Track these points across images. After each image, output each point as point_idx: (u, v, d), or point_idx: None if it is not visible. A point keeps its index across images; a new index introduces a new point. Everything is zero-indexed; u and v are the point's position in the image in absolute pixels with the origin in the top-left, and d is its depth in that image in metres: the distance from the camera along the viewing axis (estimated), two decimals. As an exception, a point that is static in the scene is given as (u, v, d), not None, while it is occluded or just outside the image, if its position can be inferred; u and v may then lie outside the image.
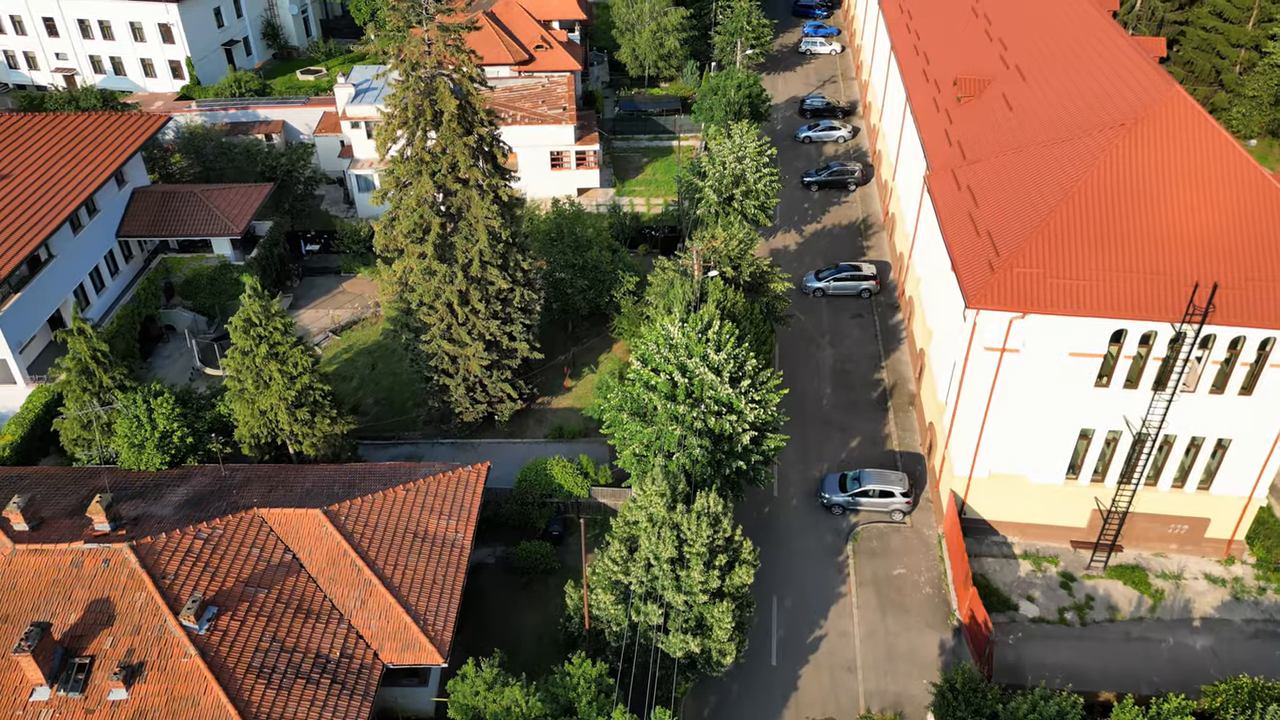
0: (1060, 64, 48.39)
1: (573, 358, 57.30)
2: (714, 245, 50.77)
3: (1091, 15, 51.42)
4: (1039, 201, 39.48)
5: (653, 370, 40.55)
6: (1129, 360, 38.79)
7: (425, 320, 46.80)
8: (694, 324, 40.63)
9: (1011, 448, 42.00)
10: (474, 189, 44.26)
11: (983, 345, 39.19)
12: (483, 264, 45.68)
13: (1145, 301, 36.40)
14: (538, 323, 50.51)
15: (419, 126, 42.82)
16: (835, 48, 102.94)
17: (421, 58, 41.69)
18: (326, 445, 42.96)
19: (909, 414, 52.96)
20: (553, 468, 44.52)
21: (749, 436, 39.24)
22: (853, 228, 71.17)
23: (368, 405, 53.72)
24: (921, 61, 58.98)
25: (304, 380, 40.72)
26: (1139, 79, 42.26)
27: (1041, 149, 42.19)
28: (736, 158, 61.14)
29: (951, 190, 44.17)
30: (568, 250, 55.50)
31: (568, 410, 53.49)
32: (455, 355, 48.05)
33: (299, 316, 61.01)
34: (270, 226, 62.29)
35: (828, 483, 47.16)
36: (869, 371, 56.54)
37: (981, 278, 37.68)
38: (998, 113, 47.92)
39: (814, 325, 60.60)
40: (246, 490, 38.56)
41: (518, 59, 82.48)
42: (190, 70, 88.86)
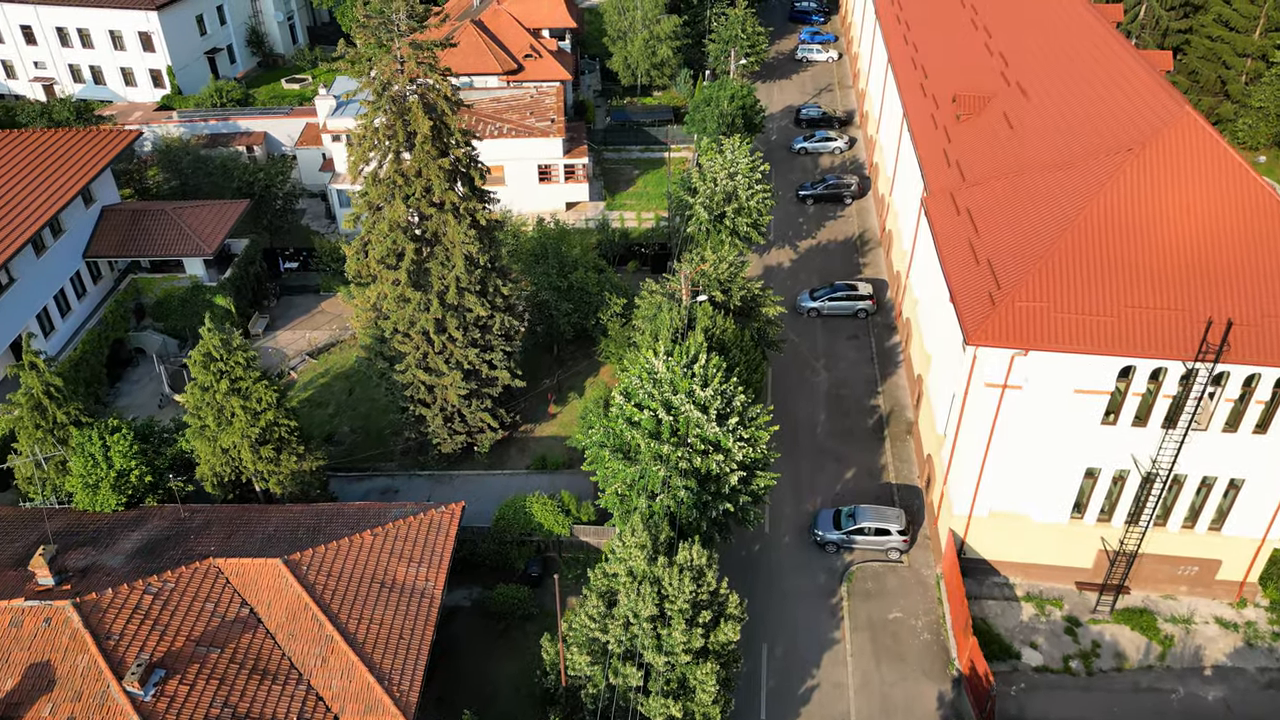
0: (1063, 81, 46.37)
1: (558, 382, 55.26)
2: (703, 269, 48.71)
3: (1095, 29, 49.40)
4: (1042, 229, 37.46)
5: (636, 405, 38.52)
6: (1137, 397, 36.78)
7: (400, 349, 44.74)
8: (679, 358, 38.58)
9: (1013, 486, 39.98)
10: (450, 213, 42.19)
11: (983, 381, 37.16)
12: (460, 291, 43.63)
13: (1155, 339, 34.36)
14: (520, 349, 48.44)
15: (392, 148, 40.77)
16: (832, 55, 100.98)
17: (393, 76, 39.63)
18: (294, 483, 40.89)
19: (906, 443, 50.90)
20: (532, 505, 42.45)
21: (737, 477, 37.20)
22: (848, 244, 69.14)
23: (343, 434, 51.63)
24: (919, 75, 56.95)
25: (268, 416, 38.63)
26: (1147, 99, 40.23)
27: (1044, 173, 40.16)
28: (728, 174, 59.14)
29: (950, 215, 42.14)
30: (552, 272, 53.45)
31: (551, 439, 51.41)
32: (432, 385, 46.01)
33: (275, 338, 58.96)
34: (246, 245, 60.21)
35: (821, 519, 45.11)
36: (865, 397, 54.50)
37: (981, 312, 35.65)
38: (998, 132, 45.88)
39: (808, 347, 58.55)
40: (205, 535, 36.49)
41: (506, 69, 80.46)
42: (171, 79, 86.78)
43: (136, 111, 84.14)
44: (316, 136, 73.80)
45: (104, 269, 56.24)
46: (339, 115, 69.04)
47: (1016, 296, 35.32)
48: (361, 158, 41.38)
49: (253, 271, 60.03)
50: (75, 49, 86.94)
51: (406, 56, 39.25)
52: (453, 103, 41.02)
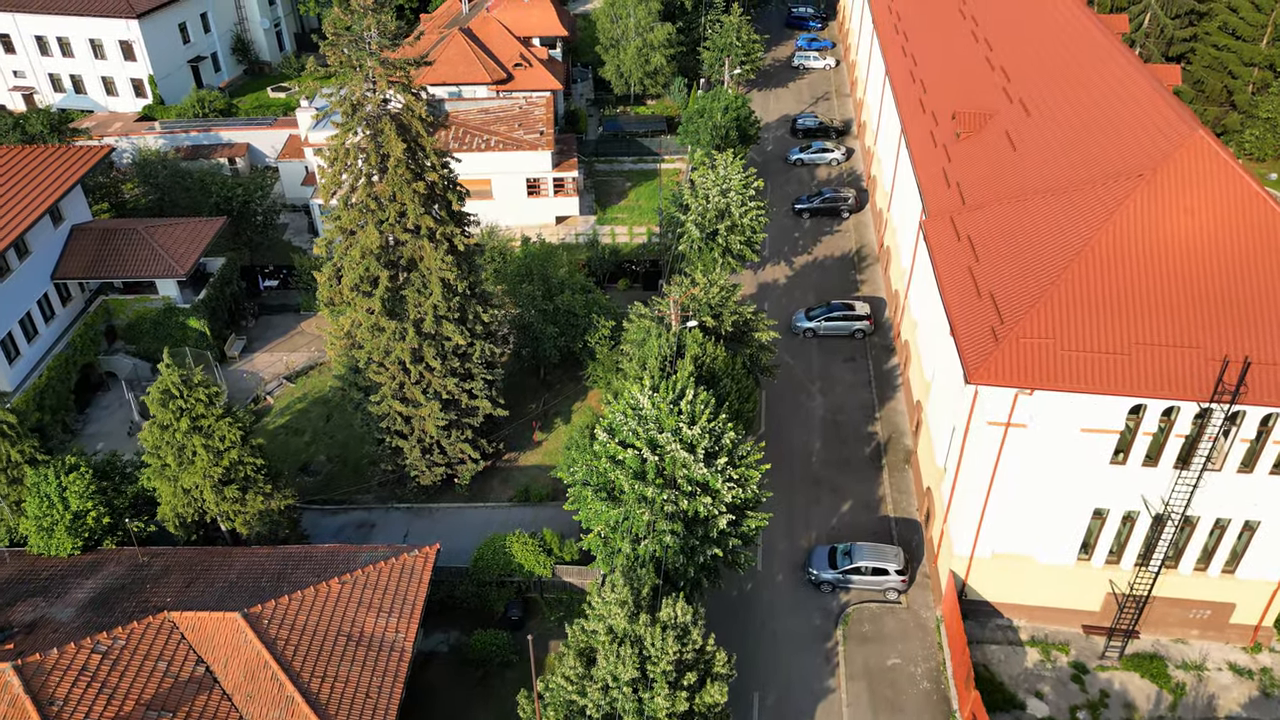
0: (1068, 99, 44.41)
1: (543, 408, 53.31)
2: (693, 293, 46.77)
3: (1100, 42, 47.45)
4: (1047, 259, 35.51)
5: (620, 443, 36.55)
6: (1148, 436, 34.82)
7: (375, 379, 42.80)
8: (665, 394, 36.62)
9: (1018, 526, 38.03)
10: (426, 238, 40.26)
11: (985, 419, 35.21)
12: (437, 319, 41.69)
13: (1168, 378, 32.41)
14: (501, 377, 46.49)
15: (364, 171, 38.84)
16: (829, 62, 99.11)
17: (364, 97, 37.68)
18: (261, 523, 38.92)
19: (905, 473, 48.95)
20: (512, 545, 40.48)
21: (726, 520, 35.23)
22: (845, 260, 67.20)
23: (319, 463, 49.66)
24: (918, 90, 55.00)
25: (232, 455, 36.68)
26: (1156, 119, 38.29)
27: (1049, 198, 38.22)
28: (721, 190, 57.24)
29: (950, 240, 40.19)
30: (537, 295, 51.50)
31: (536, 469, 49.45)
32: (409, 416, 44.06)
33: (252, 360, 57.00)
34: (222, 264, 58.26)
35: (816, 557, 43.16)
36: (862, 423, 52.54)
37: (983, 348, 33.69)
38: (1000, 152, 43.93)
39: (803, 370, 56.60)
40: (163, 583, 34.56)
41: (495, 78, 78.55)
42: (153, 89, 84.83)
43: (117, 122, 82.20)
44: (299, 149, 71.93)
45: (74, 290, 54.25)
46: (321, 128, 67.10)
47: (1020, 332, 33.37)
48: (333, 180, 39.45)
49: (229, 291, 58.06)
50: (55, 58, 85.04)
51: (378, 76, 37.28)
52: (428, 124, 39.09)
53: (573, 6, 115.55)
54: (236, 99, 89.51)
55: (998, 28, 55.36)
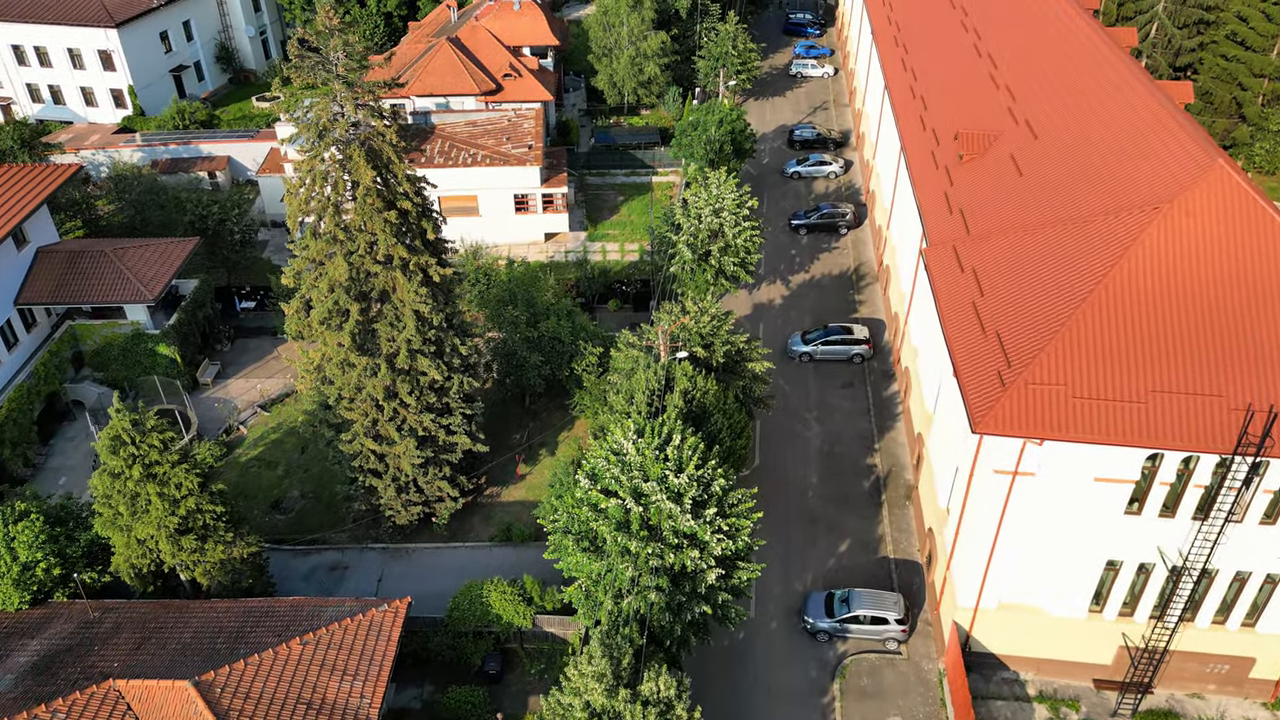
0: (1077, 121, 42.19)
1: (528, 439, 51.08)
2: (683, 322, 44.58)
3: (1109, 58, 45.22)
4: (1057, 296, 33.30)
5: (603, 491, 34.36)
6: (1165, 487, 32.63)
7: (346, 416, 40.58)
8: (650, 439, 34.39)
9: (1026, 577, 35.83)
10: (398, 269, 38.05)
11: (991, 467, 33.01)
12: (411, 353, 39.47)
13: (1187, 429, 30.22)
14: (481, 411, 44.26)
15: (332, 200, 36.62)
16: (828, 70, 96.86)
17: (329, 123, 35.46)
18: (222, 572, 36.68)
19: (905, 510, 46.74)
20: (490, 594, 38.25)
21: (715, 574, 33.04)
22: (844, 279, 64.99)
23: (292, 499, 47.44)
24: (918, 106, 52.79)
25: (189, 504, 34.45)
26: (1173, 147, 36.07)
27: (1059, 229, 36.00)
28: (713, 209, 55.03)
29: (953, 272, 37.98)
30: (521, 321, 49.28)
31: (519, 504, 47.23)
32: (383, 454, 41.84)
33: (226, 387, 54.77)
34: (196, 286, 56.00)
35: (812, 604, 40.94)
36: (860, 455, 50.32)
37: (989, 394, 31.48)
38: (1005, 177, 41.73)
39: (799, 397, 54.38)
40: (113, 643, 32.34)
41: (484, 89, 76.31)
42: (133, 99, 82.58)
43: (94, 134, 79.98)
44: (279, 164, 69.68)
45: (39, 315, 52.01)
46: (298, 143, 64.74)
47: (1029, 377, 31.17)
48: (300, 209, 37.21)
49: (202, 315, 55.79)
50: (33, 67, 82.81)
51: (346, 101, 35.05)
52: (400, 149, 36.87)
53: (566, 12, 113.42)
54: (220, 109, 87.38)
55: (1002, 42, 53.12)
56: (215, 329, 57.36)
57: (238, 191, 66.26)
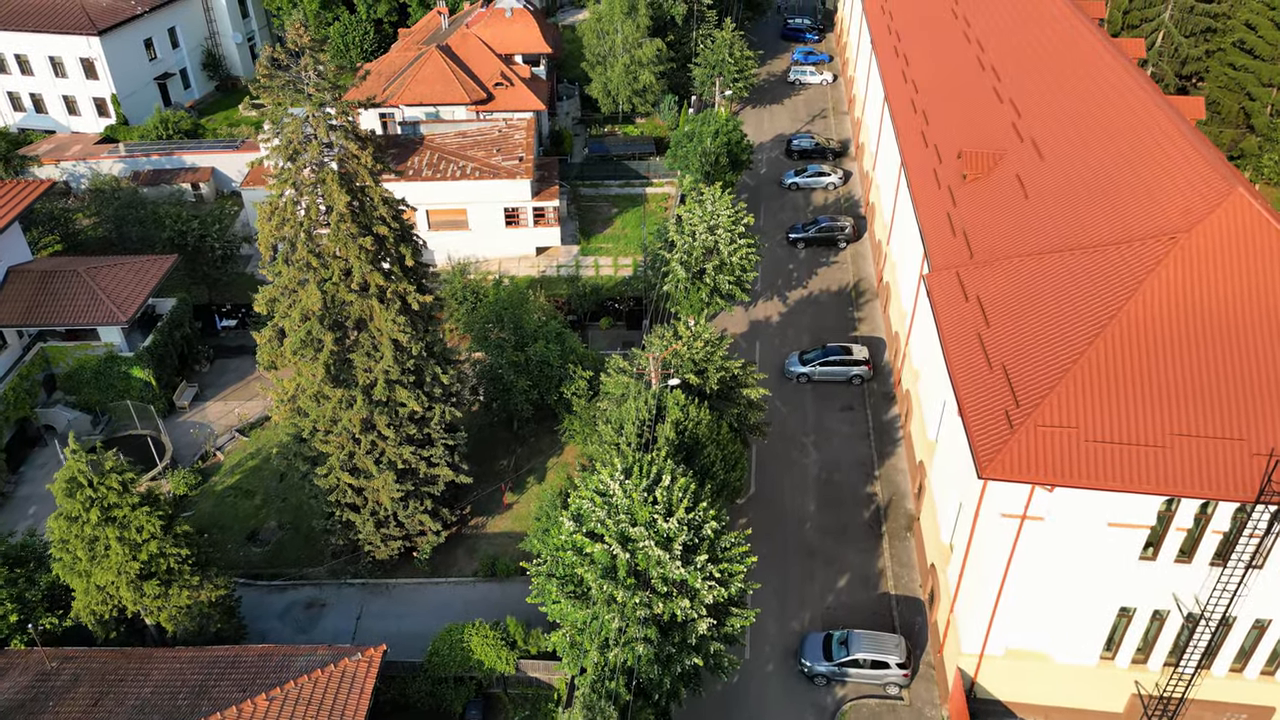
0: (1085, 141, 40.42)
1: (515, 465, 49.28)
2: (676, 349, 42.82)
3: (1119, 73, 43.44)
4: (1067, 329, 31.53)
5: (588, 534, 32.59)
6: (1182, 532, 30.87)
7: (321, 449, 38.78)
8: (638, 480, 32.61)
9: (1034, 623, 34.05)
10: (374, 297, 36.26)
11: (998, 511, 31.24)
12: (389, 384, 37.68)
13: (1207, 475, 28.45)
14: (464, 441, 42.46)
15: (304, 226, 34.84)
16: (826, 77, 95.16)
17: (301, 145, 33.68)
18: (188, 617, 34.87)
19: (906, 543, 44.96)
20: (471, 637, 36.45)
21: (706, 624, 31.28)
22: (842, 295, 63.23)
23: (269, 530, 45.64)
24: (919, 121, 51.02)
25: (151, 548, 32.63)
26: (1188, 172, 34.30)
27: (1067, 257, 34.22)
28: (708, 226, 53.28)
29: (956, 300, 36.20)
30: (508, 346, 47.50)
31: (505, 536, 45.43)
32: (361, 487, 40.05)
33: (204, 410, 52.95)
34: (173, 305, 54.18)
35: (809, 645, 39.14)
36: (860, 483, 48.54)
37: (996, 436, 29.70)
38: (1011, 198, 39.97)
39: (797, 421, 52.60)
40: (68, 698, 30.56)
41: (475, 98, 74.48)
42: (116, 108, 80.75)
43: (76, 145, 78.14)
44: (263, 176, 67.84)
45: (10, 337, 50.18)
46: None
47: (1039, 419, 29.39)
48: (272, 234, 35.43)
49: (180, 335, 53.94)
50: (14, 75, 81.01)
51: (317, 123, 33.26)
52: (376, 172, 35.09)
53: (561, 17, 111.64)
54: (206, 118, 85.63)
55: (1005, 54, 51.34)
56: (194, 349, 55.53)
57: (219, 205, 64.52)
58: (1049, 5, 53.11)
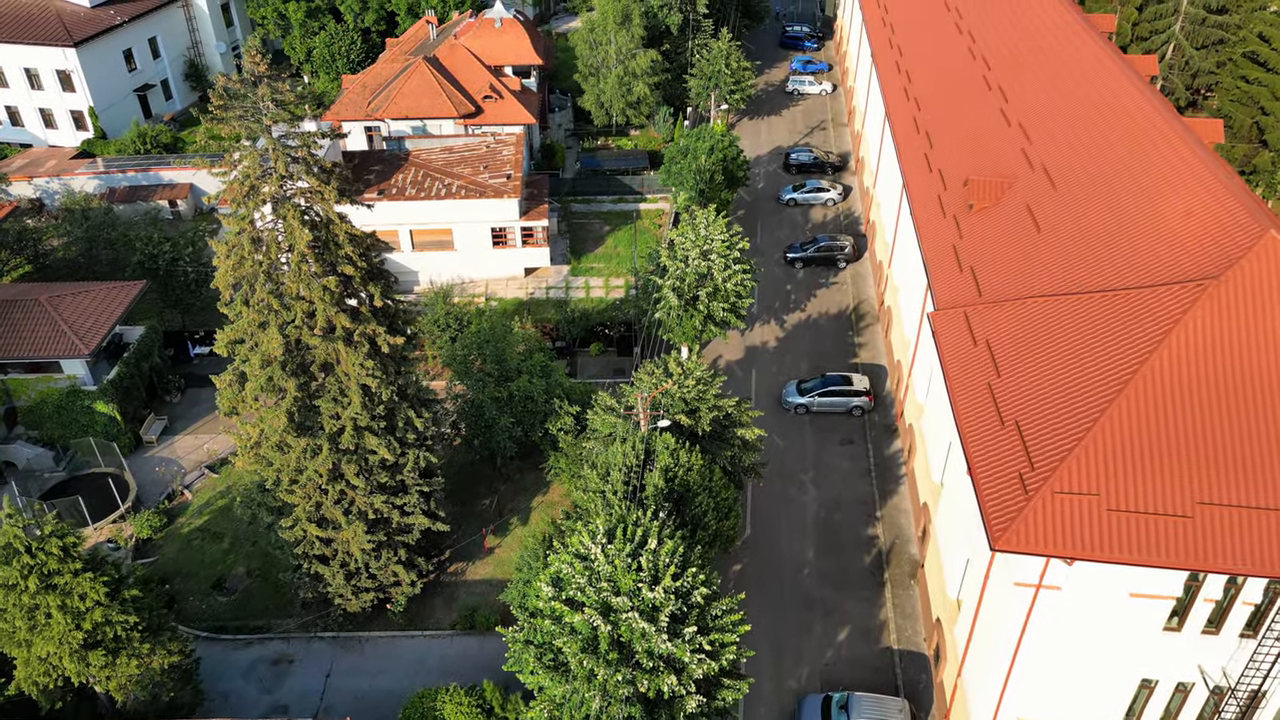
0: (1101, 170, 38.02)
1: (498, 505, 46.88)
2: (666, 388, 40.42)
3: (1134, 95, 41.04)
4: (1086, 382, 29.13)
5: (567, 602, 30.15)
6: (1210, 603, 28.47)
7: (286, 500, 36.37)
8: (621, 544, 30.19)
9: (1049, 693, 31.61)
10: (341, 340, 33.84)
11: (1010, 579, 28.84)
12: (358, 430, 35.28)
13: (1240, 548, 26.06)
14: (440, 486, 40.02)
15: (263, 266, 32.43)
16: (825, 87, 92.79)
17: (258, 180, 31.27)
18: (139, 686, 32.45)
19: (910, 591, 42.55)
20: (444, 705, 34.01)
21: (695, 701, 28.87)
22: (842, 318, 60.84)
23: (237, 577, 43.21)
24: (923, 142, 48.61)
25: (95, 616, 30.20)
26: (1215, 210, 31.88)
27: (1085, 301, 31.82)
28: (701, 252, 50.89)
29: (964, 344, 33.80)
30: (490, 381, 45.10)
31: (486, 584, 43.04)
32: (329, 538, 37.64)
33: (172, 445, 50.53)
34: (141, 334, 51.76)
35: (806, 709, 36.69)
36: (861, 524, 46.14)
37: (1010, 502, 27.30)
38: (1022, 232, 37.57)
39: (794, 455, 50.21)
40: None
41: (463, 111, 72.22)
42: (94, 121, 78.32)
43: (51, 160, 75.68)
44: (242, 194, 65.37)
45: (-33, 369, 47.86)
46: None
47: (1057, 484, 26.98)
48: (230, 273, 33.03)
49: (148, 365, 51.51)
50: (-12, 88, 78.61)
51: (276, 156, 30.86)
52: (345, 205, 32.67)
53: (555, 24, 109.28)
54: (187, 130, 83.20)
55: (1014, 72, 48.92)
56: (163, 379, 53.11)
57: (195, 225, 62.12)
58: (1058, 19, 50.73)
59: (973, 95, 49.80)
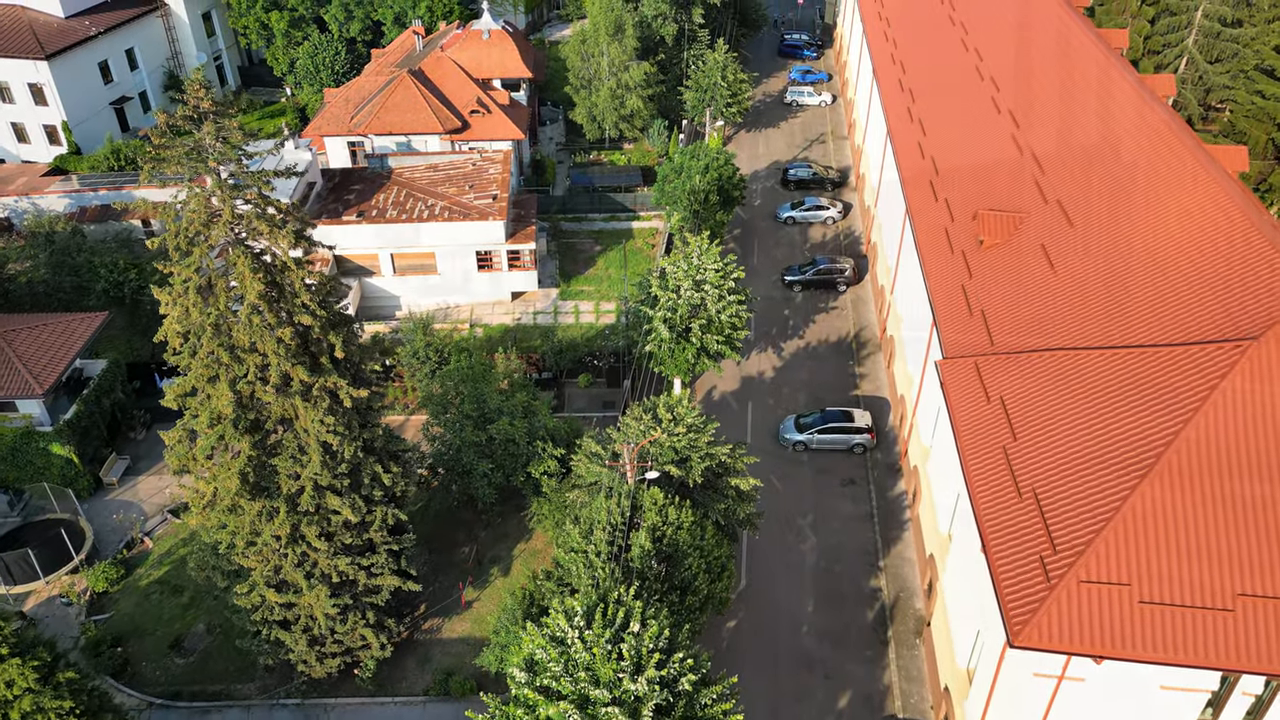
0: (1121, 206, 35.31)
1: (476, 555, 44.17)
2: (655, 437, 37.73)
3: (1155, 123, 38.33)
4: (1113, 452, 26.45)
5: (541, 690, 27.50)
6: (1250, 697, 25.80)
7: (242, 563, 33.67)
8: (600, 630, 27.50)
9: (1067, 784, 28.99)
10: (298, 395, 31.15)
11: (1030, 670, 26.16)
12: (318, 490, 32.57)
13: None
14: (412, 544, 37.32)
15: (210, 317, 29.72)
16: (825, 98, 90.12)
17: (204, 227, 28.57)
18: (79, 773, 29.77)
19: (916, 651, 39.86)
20: (412, 789, 31.38)
21: (681, 802, 26.26)
22: (842, 346, 58.15)
23: (196, 636, 40.49)
24: (928, 168, 45.92)
25: (25, 705, 27.51)
26: (1246, 254, 29.22)
27: (1109, 356, 29.13)
28: (694, 282, 48.24)
29: (976, 400, 31.10)
30: (468, 425, 42.40)
31: (462, 643, 40.32)
32: (291, 603, 34.93)
33: (135, 486, 47.84)
34: (103, 368, 49.07)
35: (804, 789, 34.09)
36: (863, 575, 43.45)
37: (1030, 591, 24.62)
38: (1036, 273, 34.88)
39: (792, 497, 47.52)
40: None
41: (449, 127, 69.52)
42: (68, 136, 75.59)
43: (21, 177, 72.73)
44: (217, 215, 62.67)
45: (-84, 408, 45.17)
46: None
47: (1081, 571, 24.30)
48: (177, 323, 30.34)
49: (110, 401, 48.81)
50: (-42, 101, 75.85)
51: (223, 200, 28.18)
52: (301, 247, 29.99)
53: (548, 32, 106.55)
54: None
55: (1024, 96, 46.20)
56: (128, 415, 50.41)
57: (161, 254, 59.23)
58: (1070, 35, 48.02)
59: (981, 118, 47.10)
